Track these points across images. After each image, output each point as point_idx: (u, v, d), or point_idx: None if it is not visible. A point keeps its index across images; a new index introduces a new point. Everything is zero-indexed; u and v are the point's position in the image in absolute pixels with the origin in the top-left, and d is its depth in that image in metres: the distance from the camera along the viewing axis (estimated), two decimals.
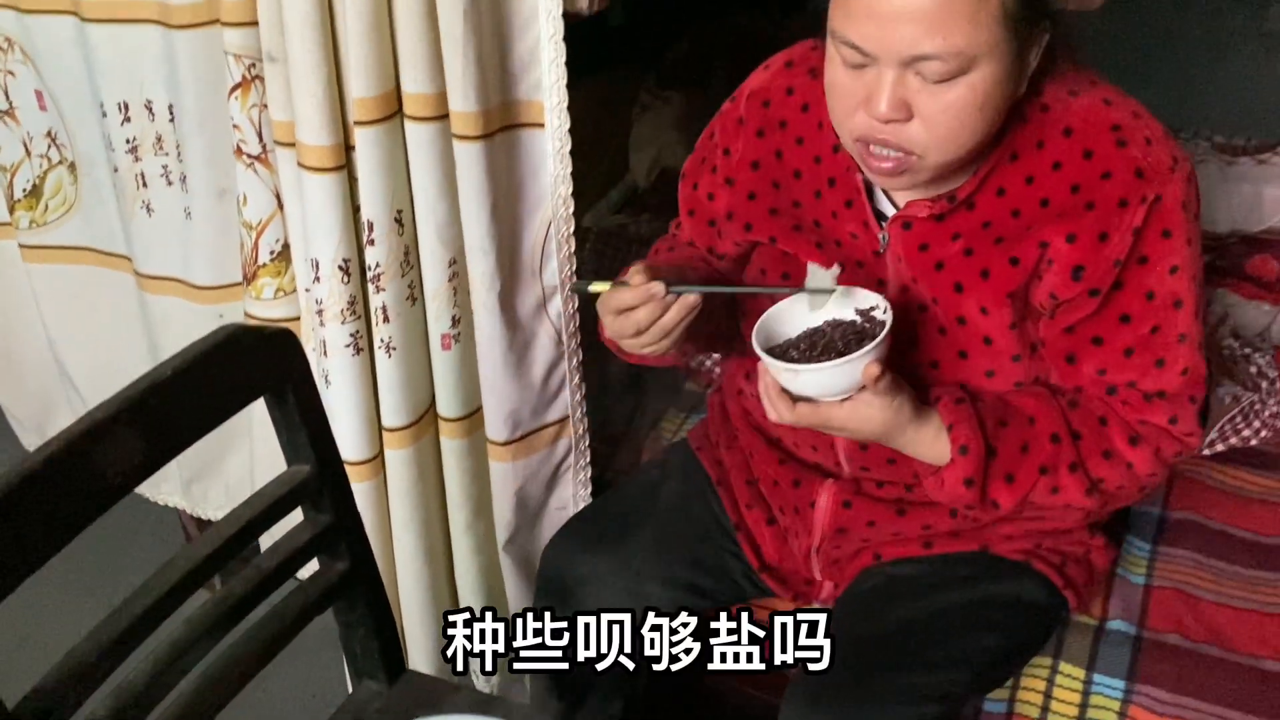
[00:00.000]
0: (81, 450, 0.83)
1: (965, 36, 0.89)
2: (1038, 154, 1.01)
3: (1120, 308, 1.02)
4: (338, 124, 1.20)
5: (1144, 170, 0.98)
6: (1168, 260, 1.00)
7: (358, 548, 1.11)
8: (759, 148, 1.14)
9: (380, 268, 1.25)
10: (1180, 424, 1.05)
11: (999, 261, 1.03)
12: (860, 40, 0.92)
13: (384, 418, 1.34)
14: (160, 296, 1.57)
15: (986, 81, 0.92)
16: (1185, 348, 1.02)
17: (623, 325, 1.05)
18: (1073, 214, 1.00)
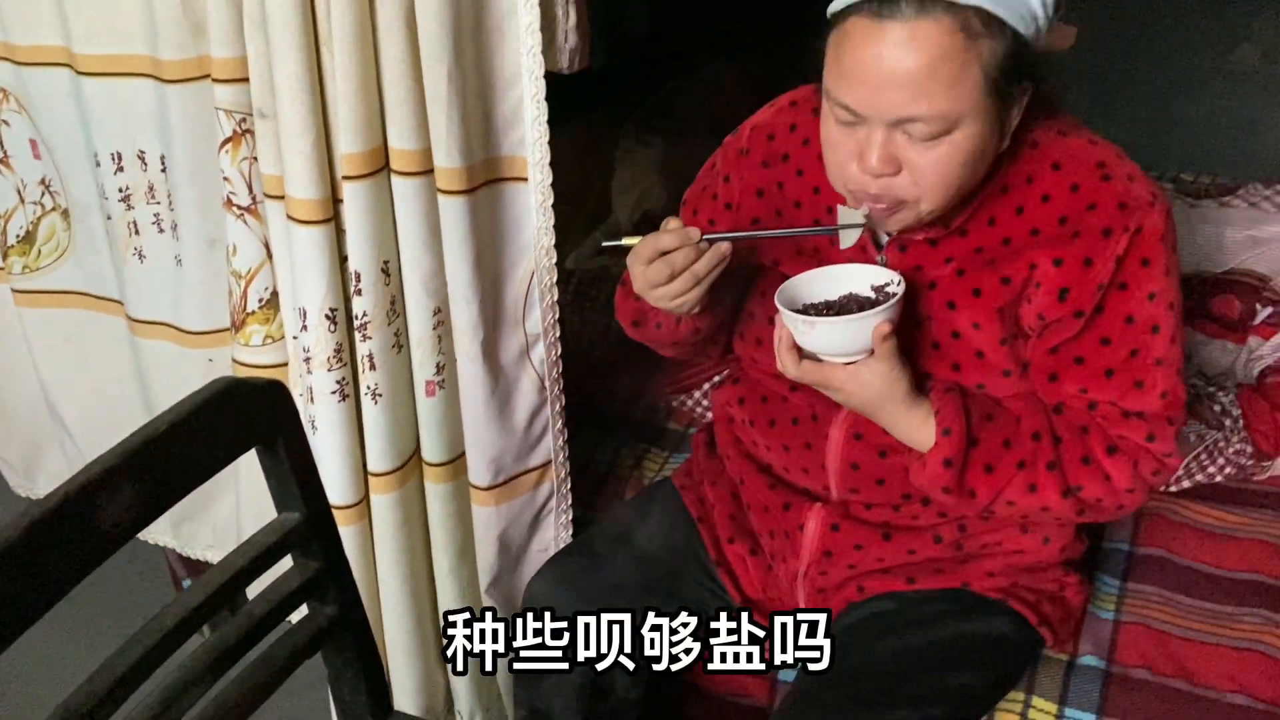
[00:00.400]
0: (79, 504, 0.85)
1: (949, 101, 0.96)
2: (1028, 187, 1.08)
3: (1101, 330, 1.08)
4: (326, 178, 1.24)
5: (1127, 203, 1.05)
6: (1146, 287, 1.06)
7: (346, 593, 1.14)
8: (763, 177, 1.21)
9: (367, 316, 1.29)
10: (1157, 443, 1.10)
11: (990, 280, 1.10)
12: (853, 102, 0.99)
13: (369, 463, 1.37)
14: (151, 340, 1.59)
15: (970, 139, 0.99)
16: (1163, 371, 1.08)
17: (657, 271, 1.09)
18: (1060, 241, 1.06)
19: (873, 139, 0.99)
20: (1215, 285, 1.88)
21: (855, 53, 0.97)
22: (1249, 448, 1.56)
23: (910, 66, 0.94)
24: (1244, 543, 1.48)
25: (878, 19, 0.95)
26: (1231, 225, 1.94)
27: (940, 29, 0.94)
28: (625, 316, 1.30)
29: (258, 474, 1.52)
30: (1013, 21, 0.95)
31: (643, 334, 1.29)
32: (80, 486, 0.86)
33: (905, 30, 0.94)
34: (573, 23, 1.21)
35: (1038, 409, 1.12)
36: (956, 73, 0.95)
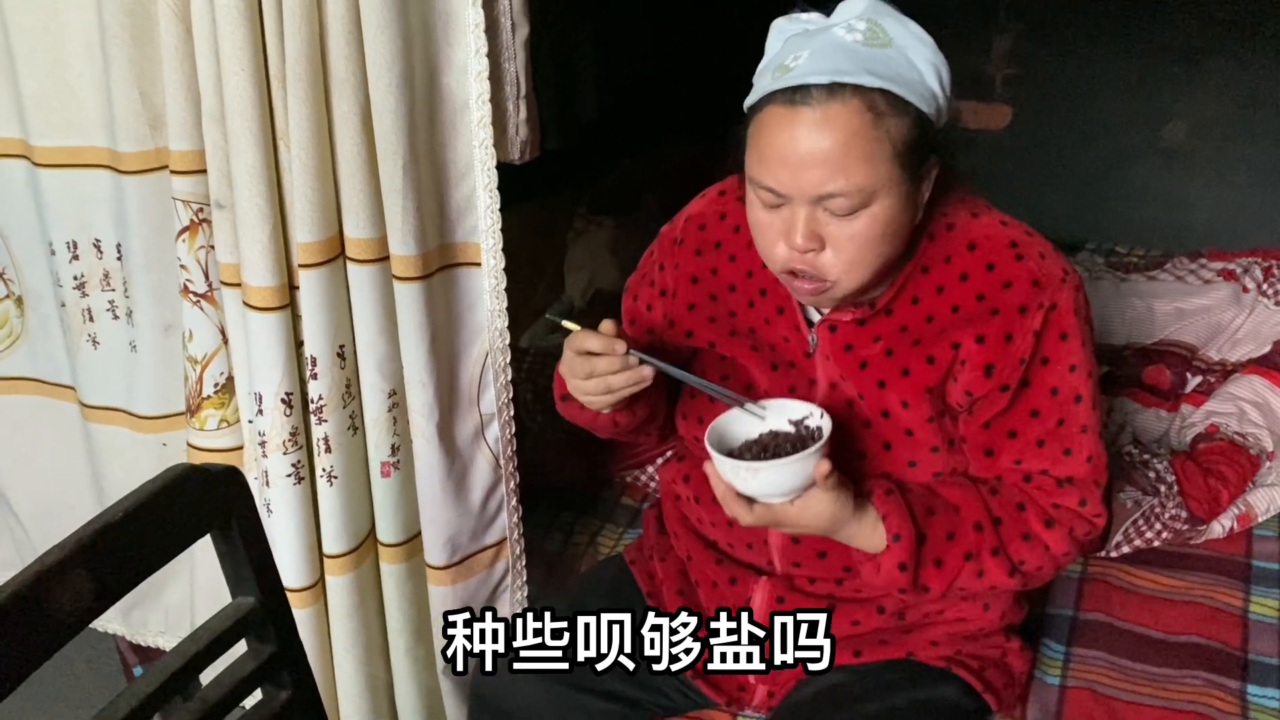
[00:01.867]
0: (35, 593, 0.86)
1: (864, 176, 1.02)
2: (946, 267, 1.14)
3: (1029, 404, 1.13)
4: (282, 266, 1.27)
5: (1040, 280, 1.10)
6: (1066, 360, 1.12)
7: (300, 677, 1.14)
8: (697, 264, 1.26)
9: (323, 400, 1.31)
10: (1089, 506, 1.15)
11: (917, 360, 1.14)
12: (775, 184, 1.05)
13: (325, 545, 1.38)
14: (104, 426, 1.60)
15: (886, 210, 1.05)
16: (1088, 437, 1.14)
17: (577, 365, 1.14)
18: (980, 319, 1.12)
19: (797, 217, 1.05)
20: (1146, 356, 1.96)
21: (773, 138, 1.03)
22: (1184, 513, 1.61)
23: (826, 146, 1.01)
24: (1182, 605, 1.52)
25: (791, 106, 1.02)
26: (1159, 298, 2.03)
27: (850, 110, 1.00)
28: (557, 389, 1.34)
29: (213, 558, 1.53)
30: (915, 101, 1.02)
31: (567, 410, 1.32)
32: (35, 575, 0.87)
33: (818, 114, 1.01)
34: (523, 116, 1.26)
35: (974, 497, 1.16)
36: (869, 149, 1.01)
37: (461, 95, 1.22)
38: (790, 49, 1.05)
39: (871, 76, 1.00)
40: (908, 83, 1.03)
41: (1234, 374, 1.87)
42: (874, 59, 1.02)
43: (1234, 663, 1.42)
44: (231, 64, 1.18)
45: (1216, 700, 1.36)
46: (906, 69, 1.03)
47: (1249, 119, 2.94)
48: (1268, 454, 1.72)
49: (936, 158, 1.08)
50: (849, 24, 1.04)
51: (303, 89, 1.17)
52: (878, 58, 1.02)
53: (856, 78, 1.00)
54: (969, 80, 3.19)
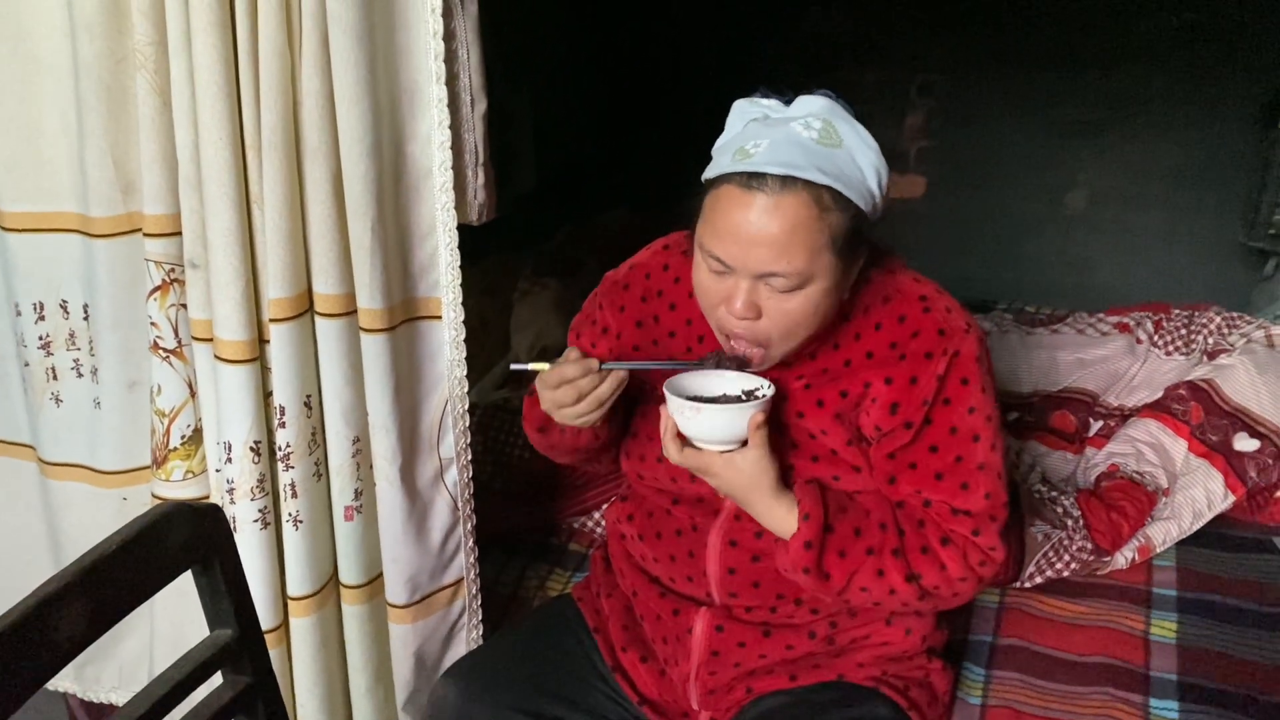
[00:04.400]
0: (38, 618, 0.92)
1: (805, 261, 1.13)
2: (864, 317, 1.26)
3: (930, 440, 1.24)
4: (253, 320, 1.35)
5: (945, 330, 1.23)
6: (966, 402, 1.23)
7: (274, 708, 1.20)
8: (641, 310, 1.37)
9: (290, 447, 1.38)
10: (982, 537, 1.26)
11: (831, 393, 1.27)
12: (724, 256, 1.16)
13: (289, 587, 1.44)
14: (63, 483, 1.63)
15: (820, 293, 1.16)
16: (985, 475, 1.25)
17: (564, 394, 1.25)
18: (890, 363, 1.24)
19: (740, 288, 1.17)
20: (1052, 402, 2.11)
21: (727, 215, 1.14)
22: (1089, 544, 1.75)
23: (774, 231, 1.12)
24: (1090, 630, 1.65)
25: (748, 189, 1.12)
26: (1062, 349, 2.19)
27: (799, 202, 1.11)
28: (532, 424, 1.44)
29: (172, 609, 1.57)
30: (856, 199, 1.14)
31: (547, 439, 1.42)
32: (39, 602, 0.93)
33: (770, 201, 1.11)
34: (481, 182, 1.37)
35: (884, 504, 1.28)
36: (812, 238, 1.12)
37: (425, 163, 1.33)
38: (751, 134, 1.16)
39: (821, 174, 1.11)
40: (851, 182, 1.13)
41: (1131, 418, 2.02)
42: (825, 158, 1.12)
43: (1137, 679, 1.54)
44: (209, 134, 1.27)
45: (1122, 713, 1.48)
46: (851, 169, 1.14)
47: (1142, 188, 3.17)
48: (1163, 490, 1.87)
49: (865, 247, 1.21)
50: (806, 121, 1.15)
51: (277, 157, 1.27)
52: (828, 157, 1.12)
53: (808, 173, 1.11)
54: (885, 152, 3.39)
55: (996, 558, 1.27)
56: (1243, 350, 2.04)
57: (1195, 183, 3.10)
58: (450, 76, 1.29)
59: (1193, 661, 1.57)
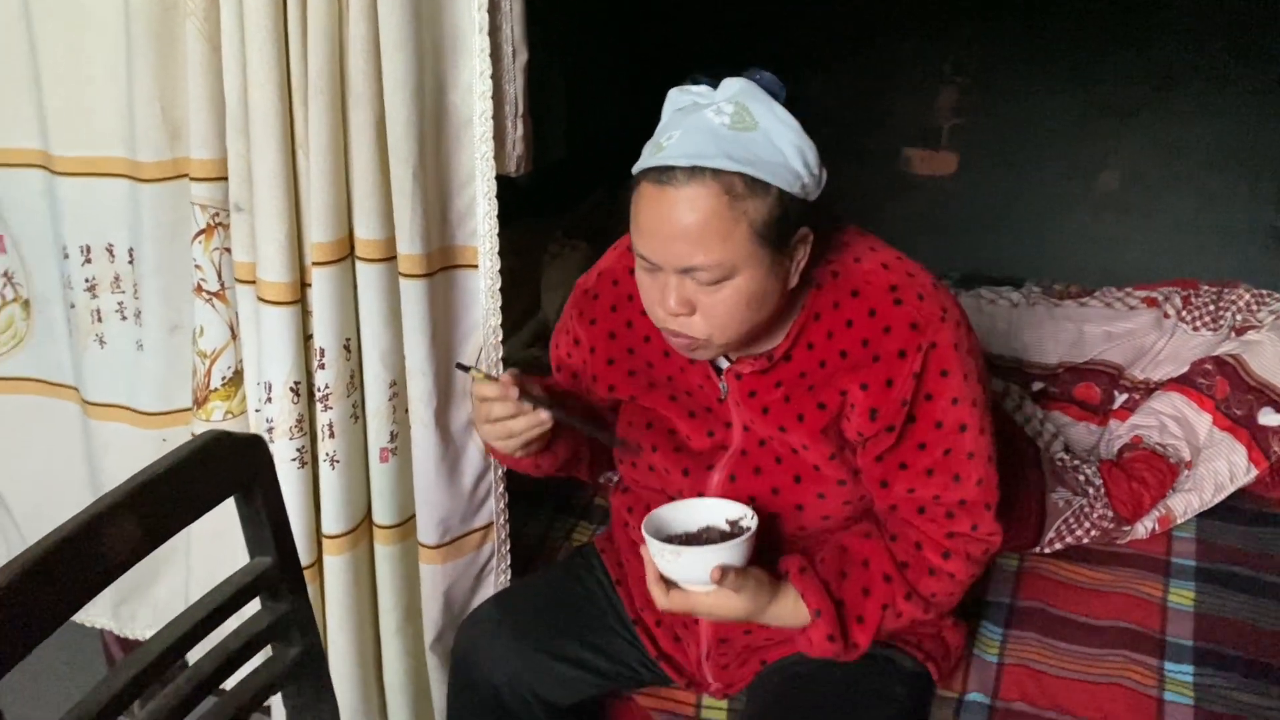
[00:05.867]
0: (91, 532, 0.96)
1: (723, 252, 1.10)
2: (834, 313, 1.22)
3: (917, 437, 1.22)
4: (296, 264, 1.38)
5: (918, 322, 1.18)
6: (948, 394, 1.20)
7: (309, 636, 1.24)
8: (613, 320, 1.34)
9: (329, 389, 1.42)
10: (981, 528, 1.25)
11: (810, 406, 1.23)
12: (648, 253, 1.14)
13: (324, 525, 1.48)
14: (105, 423, 1.68)
15: (750, 283, 1.13)
16: (975, 463, 1.22)
17: (478, 412, 1.25)
18: (864, 365, 1.20)
19: (669, 284, 1.14)
20: (1078, 374, 2.12)
21: (645, 212, 1.12)
22: (1110, 513, 1.76)
23: (686, 224, 1.09)
24: (1109, 596, 1.67)
25: (659, 185, 1.10)
26: (1089, 322, 2.20)
27: (708, 192, 1.08)
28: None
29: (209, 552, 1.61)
30: (776, 182, 1.09)
31: (492, 453, 1.41)
32: (92, 517, 0.97)
33: (680, 194, 1.08)
34: (520, 133, 1.39)
35: (879, 548, 1.26)
36: (726, 228, 1.09)
37: (466, 111, 1.35)
38: (668, 126, 1.13)
39: (729, 160, 1.07)
40: (768, 165, 1.09)
41: (1156, 391, 2.03)
42: (737, 143, 1.08)
43: (1153, 643, 1.56)
44: (257, 77, 1.30)
45: (1137, 675, 1.50)
46: (768, 152, 1.09)
47: (1175, 170, 3.15)
48: (1185, 463, 1.88)
49: (808, 228, 1.15)
50: (719, 106, 1.11)
51: (323, 101, 1.29)
52: (740, 141, 1.08)
53: (715, 161, 1.07)
54: (917, 130, 3.39)
55: (996, 541, 1.26)
56: (1271, 327, 2.04)
57: (1229, 165, 3.07)
58: (493, 27, 1.31)
59: (1209, 629, 1.59)
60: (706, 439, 1.31)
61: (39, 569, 0.92)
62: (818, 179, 1.13)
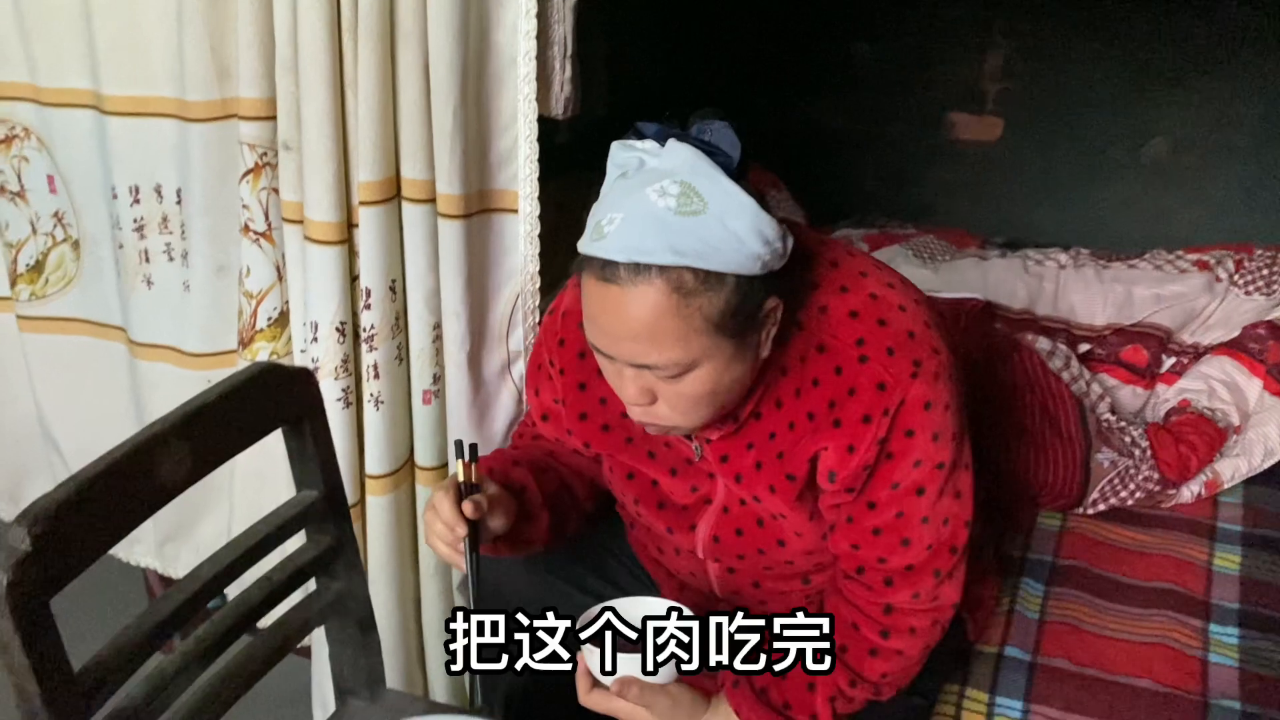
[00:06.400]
0: (144, 455, 0.97)
1: (677, 351, 1.00)
2: (801, 368, 1.11)
3: (868, 495, 1.12)
4: (343, 203, 1.38)
5: (885, 383, 1.07)
6: (911, 456, 1.09)
7: (353, 571, 1.25)
8: (581, 369, 1.23)
9: (374, 329, 1.42)
10: (923, 598, 1.16)
11: (779, 477, 1.15)
12: (600, 347, 1.05)
13: (368, 465, 1.49)
14: (152, 363, 1.70)
15: (712, 373, 1.03)
16: (929, 528, 1.13)
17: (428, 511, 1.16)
18: (826, 430, 1.10)
19: (625, 375, 1.05)
20: (1125, 336, 2.09)
21: (592, 304, 1.02)
22: (1156, 475, 1.74)
23: (634, 326, 0.99)
24: (1153, 557, 1.65)
25: (601, 280, 0.99)
26: (1139, 284, 2.16)
27: (654, 290, 0.96)
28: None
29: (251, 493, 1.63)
30: (732, 269, 0.97)
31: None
32: (145, 440, 0.98)
33: (624, 294, 0.97)
34: (567, 75, 1.38)
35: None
36: (678, 326, 0.98)
37: (510, 52, 1.34)
38: (609, 203, 1.01)
39: (676, 255, 0.95)
40: (721, 254, 0.97)
41: (1205, 355, 2.00)
42: (683, 231, 0.96)
43: (1198, 605, 1.54)
44: (308, 17, 1.30)
45: (1181, 635, 1.48)
46: (720, 237, 0.96)
47: (1227, 138, 3.09)
48: (1234, 428, 1.85)
49: (777, 299, 1.05)
50: (663, 187, 0.97)
51: (372, 40, 1.29)
52: (688, 229, 0.96)
53: (660, 257, 0.95)
54: (963, 94, 3.34)
55: (948, 603, 1.18)
56: None
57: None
58: None
59: (1255, 593, 1.57)
60: (690, 494, 1.24)
61: (91, 490, 0.93)
62: (782, 249, 1.01)
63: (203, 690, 1.09)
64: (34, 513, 0.87)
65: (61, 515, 0.89)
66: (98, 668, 0.95)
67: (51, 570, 0.87)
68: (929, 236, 2.56)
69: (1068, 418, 1.76)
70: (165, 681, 1.03)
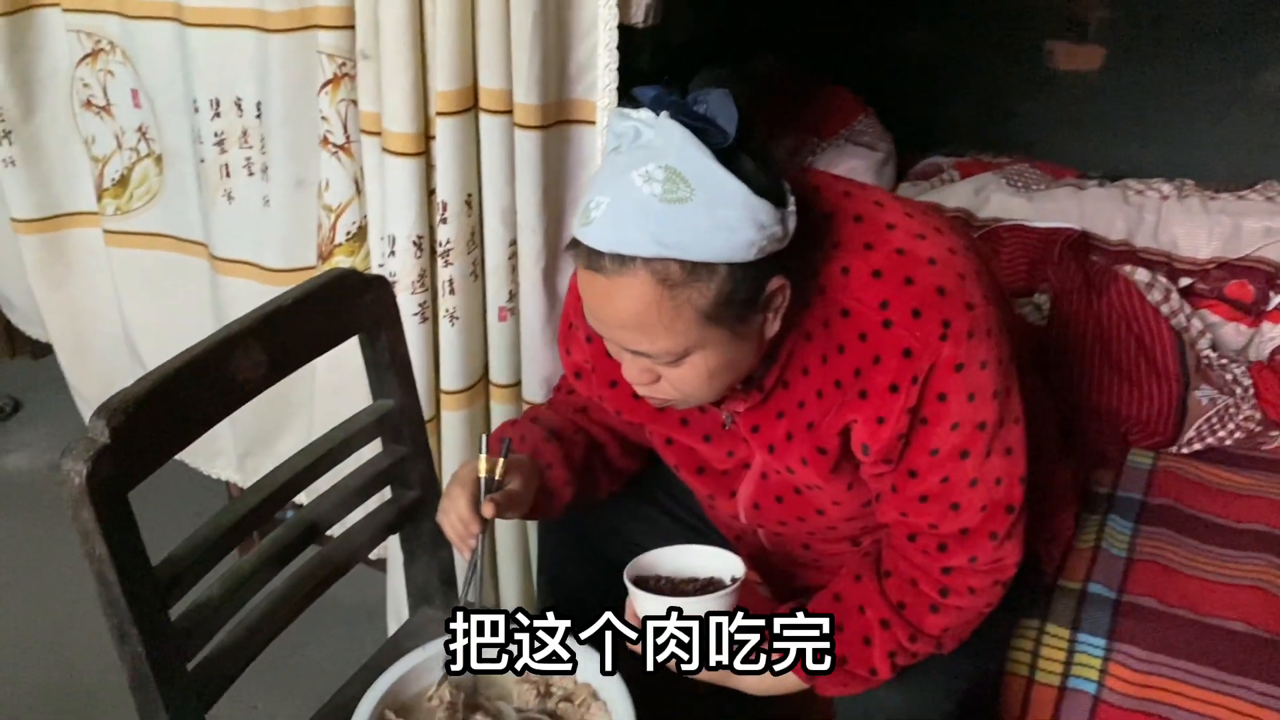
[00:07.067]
0: (220, 355, 0.97)
1: (668, 342, 0.97)
2: (826, 333, 1.05)
3: (909, 463, 1.07)
4: (421, 114, 1.36)
5: (912, 348, 1.01)
6: (947, 420, 1.03)
7: (427, 482, 1.25)
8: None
9: (450, 244, 1.41)
10: (981, 559, 1.10)
11: (811, 450, 1.10)
12: (596, 330, 1.03)
13: (443, 382, 1.49)
14: (232, 279, 1.72)
15: (710, 358, 0.99)
16: (979, 490, 1.06)
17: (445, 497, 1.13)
18: (853, 401, 1.05)
19: (624, 358, 1.03)
20: (1231, 271, 1.99)
21: (583, 290, 0.99)
22: (1258, 414, 1.66)
23: (622, 316, 0.96)
24: (1250, 499, 1.58)
25: (589, 269, 0.96)
26: (1248, 216, 2.05)
27: (639, 283, 0.93)
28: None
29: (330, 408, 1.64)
30: (722, 259, 0.92)
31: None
32: (222, 340, 0.98)
33: (610, 284, 0.94)
34: None
35: (871, 589, 1.13)
36: (667, 318, 0.94)
37: None
38: (599, 183, 0.95)
39: (660, 246, 0.91)
40: (709, 244, 0.92)
41: None
42: (669, 220, 0.90)
43: None
44: None
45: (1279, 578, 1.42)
46: (708, 226, 0.91)
47: None
48: None
49: (782, 278, 0.99)
50: (648, 172, 0.91)
51: None
52: (674, 218, 0.90)
53: (643, 249, 0.91)
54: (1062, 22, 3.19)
55: (1009, 563, 1.12)
56: None
57: None
58: None
59: None
60: (727, 459, 1.20)
61: (168, 387, 0.93)
62: (781, 231, 0.95)
63: (277, 593, 1.11)
64: (112, 406, 0.88)
65: (139, 409, 0.89)
66: (175, 563, 0.97)
67: (129, 463, 0.88)
68: (1024, 164, 2.47)
69: (1165, 353, 1.68)
70: (240, 582, 1.05)
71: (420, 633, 1.29)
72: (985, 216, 2.17)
